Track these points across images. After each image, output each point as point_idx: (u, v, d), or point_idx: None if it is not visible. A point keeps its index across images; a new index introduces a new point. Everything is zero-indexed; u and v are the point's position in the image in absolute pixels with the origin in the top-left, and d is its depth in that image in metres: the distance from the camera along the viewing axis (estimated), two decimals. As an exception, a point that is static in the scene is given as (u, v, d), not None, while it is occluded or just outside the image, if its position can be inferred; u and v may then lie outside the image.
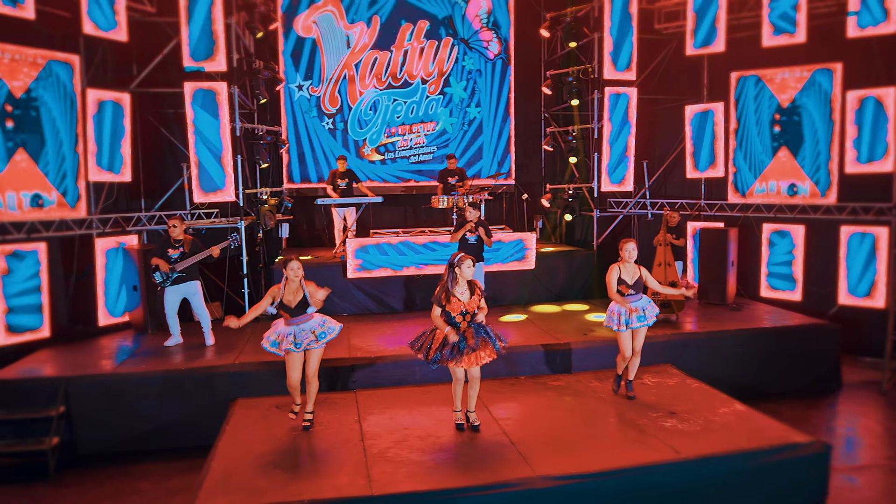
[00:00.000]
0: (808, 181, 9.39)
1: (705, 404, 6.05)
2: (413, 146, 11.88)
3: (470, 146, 12.04)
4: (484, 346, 5.30)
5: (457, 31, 11.81)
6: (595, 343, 7.31)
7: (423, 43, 11.70)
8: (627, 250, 5.93)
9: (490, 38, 11.95)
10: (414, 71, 11.73)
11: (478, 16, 11.82)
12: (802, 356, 7.82)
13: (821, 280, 9.28)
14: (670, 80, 10.77)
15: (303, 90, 11.42)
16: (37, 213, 7.81)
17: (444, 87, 11.87)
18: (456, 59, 11.86)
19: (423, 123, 11.87)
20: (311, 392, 5.71)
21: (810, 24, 8.98)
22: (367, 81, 11.61)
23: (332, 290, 5.74)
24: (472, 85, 11.98)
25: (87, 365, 7.00)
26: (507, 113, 12.14)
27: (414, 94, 11.80)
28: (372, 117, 11.71)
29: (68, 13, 8.17)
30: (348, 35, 11.47)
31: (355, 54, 11.52)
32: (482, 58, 11.95)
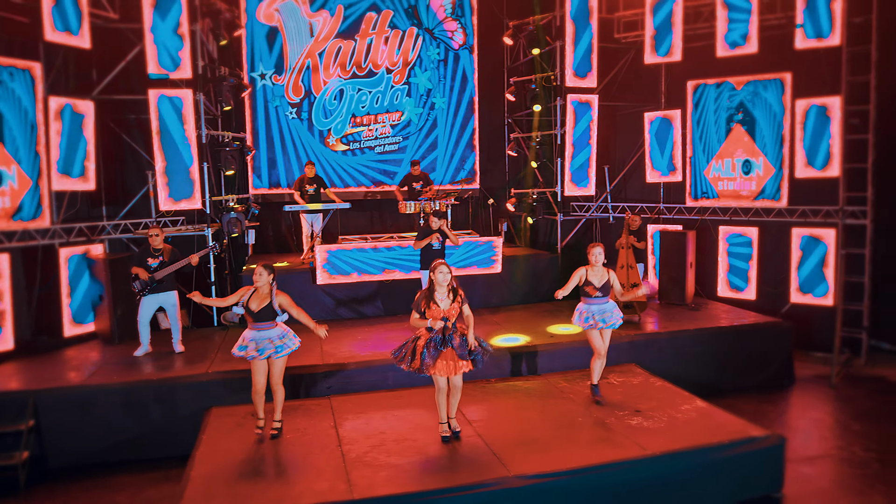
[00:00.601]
0: (761, 157, 9.67)
1: (668, 402, 6.32)
2: (378, 136, 11.91)
3: (432, 136, 12.06)
4: (465, 358, 5.32)
5: (421, 21, 11.84)
6: (562, 345, 7.54)
7: (387, 32, 11.69)
8: (595, 255, 6.16)
9: (454, 28, 12.01)
10: (379, 60, 11.73)
11: (442, 6, 11.85)
12: (758, 353, 8.20)
13: (774, 280, 9.72)
14: (630, 87, 11.11)
15: (266, 79, 11.32)
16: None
17: (409, 77, 11.89)
18: (421, 49, 11.89)
19: (388, 113, 11.90)
20: (278, 400, 5.78)
21: (761, 35, 9.39)
22: (332, 70, 11.55)
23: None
24: (437, 74, 12.04)
25: (56, 377, 6.93)
26: (471, 105, 12.19)
27: (379, 84, 11.81)
28: (337, 107, 11.68)
29: (27, 19, 8.04)
30: (312, 23, 11.37)
31: (319, 42, 11.44)
32: (447, 48, 12.03)
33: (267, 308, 5.53)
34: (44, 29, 7.89)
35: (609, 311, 6.22)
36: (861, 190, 8.91)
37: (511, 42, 11.75)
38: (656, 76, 10.71)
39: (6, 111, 7.70)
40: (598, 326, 6.18)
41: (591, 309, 6.18)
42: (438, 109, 12.10)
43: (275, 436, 5.76)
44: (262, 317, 5.53)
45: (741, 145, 9.94)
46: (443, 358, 5.29)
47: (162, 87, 9.00)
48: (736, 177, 10.02)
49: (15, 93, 7.80)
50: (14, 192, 7.80)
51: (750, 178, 9.88)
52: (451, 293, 5.36)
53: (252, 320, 5.55)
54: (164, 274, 7.47)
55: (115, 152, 9.71)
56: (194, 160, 9.18)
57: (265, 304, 5.54)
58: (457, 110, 12.19)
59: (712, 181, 10.25)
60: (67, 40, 8.19)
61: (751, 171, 9.85)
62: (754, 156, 9.83)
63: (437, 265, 5.35)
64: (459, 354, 5.29)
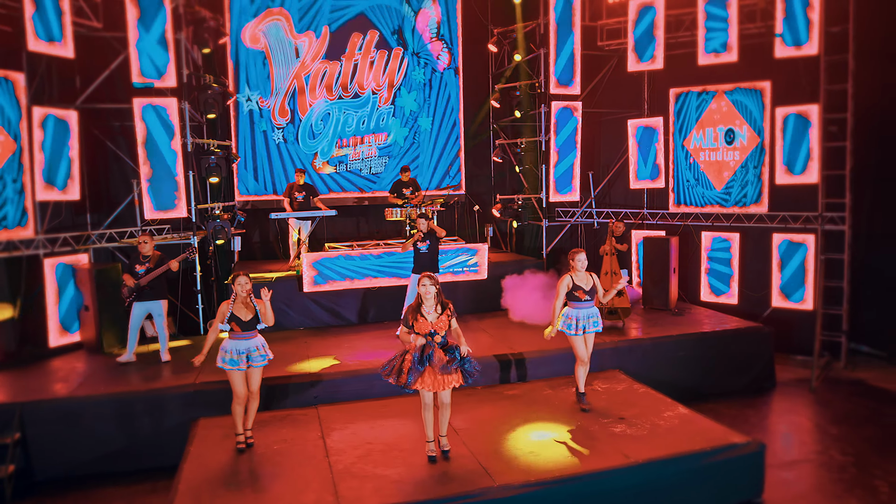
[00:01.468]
0: (745, 126, 9.71)
1: (651, 409, 6.42)
2: (365, 158, 11.98)
3: (420, 157, 12.22)
4: (452, 372, 5.26)
5: (407, 43, 11.95)
6: (548, 352, 7.60)
7: (373, 54, 11.78)
8: (579, 260, 6.24)
9: (440, 49, 12.14)
10: (364, 82, 11.81)
11: (427, 28, 11.99)
12: (740, 358, 8.33)
13: (755, 284, 9.87)
14: (613, 94, 11.23)
15: (252, 102, 11.36)
16: (-17, 235, 7.64)
17: (394, 99, 11.98)
18: (406, 71, 11.99)
19: (374, 135, 11.98)
20: (252, 409, 5.83)
21: (742, 43, 9.54)
22: (318, 92, 11.62)
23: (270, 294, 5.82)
24: (423, 96, 12.15)
25: (42, 389, 6.91)
26: (456, 124, 12.36)
27: (365, 106, 11.89)
28: (323, 129, 11.74)
29: (10, 28, 8.01)
30: (297, 45, 11.42)
31: (305, 65, 11.51)
32: (432, 69, 12.14)
33: (254, 317, 5.60)
34: (27, 39, 7.85)
35: (593, 315, 6.31)
36: (839, 196, 9.07)
37: (496, 49, 11.84)
38: (639, 83, 10.85)
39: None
40: (581, 332, 6.26)
41: (577, 314, 6.26)
42: (424, 131, 12.15)
43: (241, 449, 5.75)
44: (250, 325, 5.60)
45: (724, 116, 9.93)
46: (428, 373, 5.23)
47: (146, 95, 9.00)
48: (718, 147, 10.05)
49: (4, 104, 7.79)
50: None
51: (734, 147, 9.89)
52: (440, 306, 5.33)
53: (240, 330, 5.58)
54: (147, 280, 7.48)
55: (101, 161, 9.69)
56: (179, 168, 9.18)
57: (252, 314, 5.59)
58: (440, 130, 12.26)
59: (693, 152, 10.27)
60: (51, 50, 8.16)
61: (734, 140, 9.88)
62: (739, 125, 9.77)
63: (421, 278, 5.36)
64: (441, 369, 5.19)
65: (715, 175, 10.13)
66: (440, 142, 12.31)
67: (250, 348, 5.64)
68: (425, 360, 5.22)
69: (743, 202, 9.90)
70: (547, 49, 10.68)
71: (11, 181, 7.93)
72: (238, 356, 5.60)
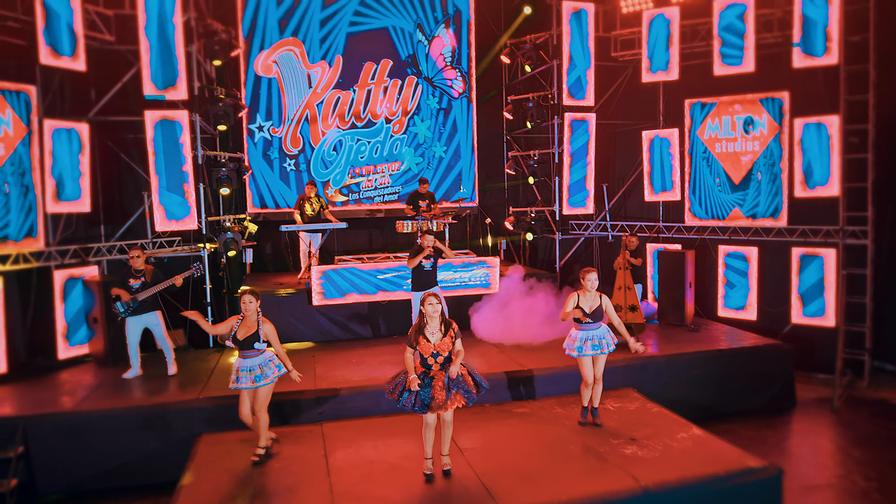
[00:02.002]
0: (765, 114, 9.44)
1: (664, 429, 6.21)
2: (378, 186, 11.83)
3: (433, 184, 11.98)
4: (454, 398, 5.15)
5: (421, 70, 11.80)
6: (559, 369, 7.43)
7: (386, 82, 11.61)
8: (590, 280, 6.07)
9: (454, 76, 11.97)
10: (378, 110, 11.64)
11: (441, 54, 11.85)
12: (758, 376, 8.08)
13: (774, 300, 9.62)
14: (628, 105, 11.08)
15: (263, 131, 11.24)
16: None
17: (408, 127, 11.78)
18: (420, 99, 11.80)
19: (387, 163, 11.83)
20: (261, 426, 5.73)
21: (758, 53, 9.36)
22: (330, 121, 11.44)
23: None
24: (437, 124, 11.95)
25: (47, 402, 6.88)
26: (472, 148, 12.14)
27: (378, 134, 11.72)
28: (335, 158, 11.58)
29: (24, 42, 8.07)
30: (310, 74, 11.31)
31: (317, 94, 11.36)
32: (446, 96, 11.96)
33: (252, 336, 5.51)
34: (38, 52, 7.91)
35: (601, 336, 6.13)
36: (861, 209, 8.82)
37: (508, 60, 11.74)
38: (654, 94, 10.69)
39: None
40: (590, 353, 6.09)
41: (582, 335, 6.10)
42: (437, 159, 12.00)
43: (256, 463, 5.69)
44: (248, 344, 5.50)
45: (743, 102, 9.67)
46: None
47: (158, 108, 9.01)
48: (737, 136, 9.77)
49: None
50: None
51: (752, 136, 9.60)
52: (444, 326, 5.20)
53: (238, 348, 5.51)
54: (146, 295, 7.41)
55: (114, 173, 9.75)
56: (190, 180, 9.17)
57: (251, 333, 5.50)
58: (458, 157, 12.07)
59: (708, 143, 10.00)
60: (62, 63, 8.21)
61: (752, 129, 9.60)
62: (757, 113, 9.50)
63: (426, 297, 5.23)
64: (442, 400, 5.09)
65: (732, 167, 9.83)
66: (454, 170, 12.12)
67: (252, 367, 5.55)
68: (428, 402, 5.12)
69: (755, 211, 9.65)
70: (560, 60, 10.57)
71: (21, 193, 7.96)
72: (242, 374, 5.54)
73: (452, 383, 5.14)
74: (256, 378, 5.53)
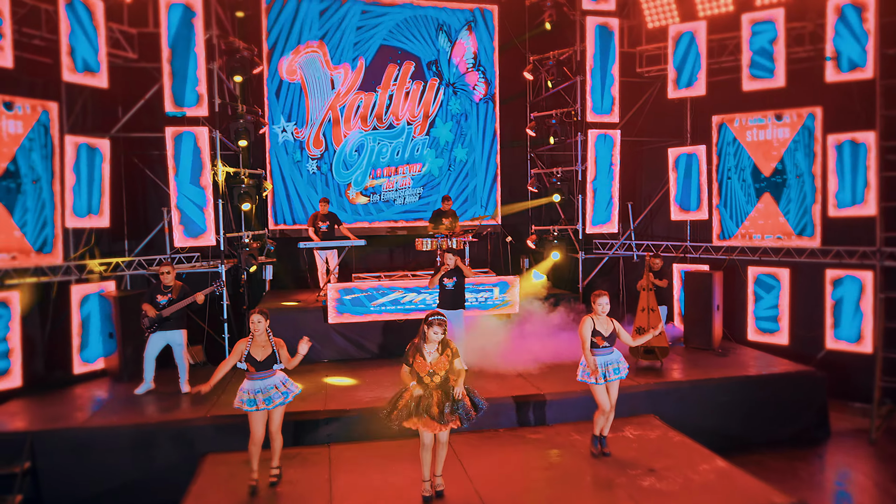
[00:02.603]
0: (793, 236, 9.32)
1: (686, 460, 5.89)
2: (399, 188, 11.84)
3: (455, 188, 11.99)
4: (449, 418, 5.06)
5: (443, 74, 11.84)
6: (577, 394, 7.13)
7: (408, 85, 11.71)
8: (601, 304, 5.84)
9: (476, 80, 11.99)
10: (399, 113, 11.72)
11: (463, 59, 11.88)
12: (789, 404, 7.68)
13: (807, 324, 9.18)
14: (654, 122, 10.81)
15: (287, 133, 11.39)
16: (10, 262, 7.71)
17: (430, 129, 11.85)
18: (442, 102, 11.85)
19: (408, 165, 11.85)
20: (276, 448, 5.58)
21: (789, 68, 9.04)
22: (352, 123, 11.57)
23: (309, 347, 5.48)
24: (459, 127, 11.97)
25: (57, 417, 6.85)
26: (493, 155, 12.11)
27: (399, 136, 11.78)
28: (357, 159, 11.67)
29: (50, 59, 8.19)
30: (333, 77, 11.46)
31: (340, 96, 11.51)
32: (468, 100, 11.98)
33: (270, 356, 5.37)
34: (62, 70, 8.01)
35: (615, 361, 5.87)
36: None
37: (531, 77, 11.58)
38: (681, 111, 10.40)
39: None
40: (603, 380, 5.83)
41: (598, 361, 5.84)
42: (459, 161, 11.96)
43: (273, 483, 5.58)
44: (266, 365, 5.36)
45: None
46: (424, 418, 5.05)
47: (179, 124, 9.06)
48: (767, 124, 9.43)
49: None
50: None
51: (783, 124, 9.26)
52: (441, 346, 5.10)
53: (255, 370, 5.36)
54: (171, 311, 7.40)
55: (140, 188, 9.84)
56: (208, 196, 9.17)
57: (269, 353, 5.37)
58: (479, 161, 12.05)
59: (738, 131, 9.68)
60: (85, 80, 8.31)
61: (783, 117, 9.25)
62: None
63: (433, 322, 5.08)
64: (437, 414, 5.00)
65: (763, 158, 9.47)
66: (476, 173, 12.08)
67: (267, 387, 5.40)
68: (425, 410, 5.04)
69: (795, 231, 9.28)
70: (583, 76, 10.36)
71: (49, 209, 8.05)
72: (254, 395, 5.37)
73: (452, 405, 5.04)
74: (268, 399, 5.37)
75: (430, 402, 5.05)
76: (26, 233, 7.92)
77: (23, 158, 7.85)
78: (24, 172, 7.86)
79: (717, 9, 9.72)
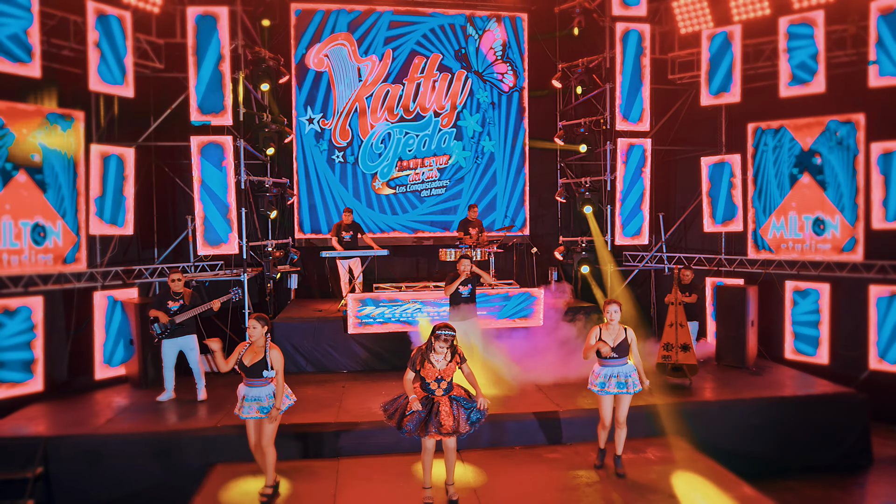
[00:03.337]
0: (837, 215, 8.72)
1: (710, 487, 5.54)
2: (425, 180, 11.70)
3: (482, 180, 11.78)
4: (458, 423, 4.93)
5: (471, 64, 11.68)
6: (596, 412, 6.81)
7: (436, 76, 11.59)
8: (609, 312, 5.57)
9: (505, 70, 11.79)
10: (426, 103, 11.60)
11: (492, 48, 11.70)
12: (827, 428, 7.23)
13: (849, 343, 8.68)
14: (687, 130, 10.45)
15: (314, 123, 11.38)
16: (34, 268, 7.82)
17: (457, 120, 11.69)
18: (470, 92, 11.69)
19: (435, 157, 11.70)
20: (267, 463, 5.42)
21: (830, 73, 8.61)
22: (379, 114, 11.50)
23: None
24: (486, 118, 11.78)
25: (73, 423, 6.87)
26: (522, 148, 11.87)
27: (426, 127, 11.65)
28: (383, 150, 11.58)
29: (78, 69, 8.33)
30: (360, 68, 11.42)
31: (367, 87, 11.45)
32: (497, 90, 11.79)
33: (260, 363, 5.25)
34: (88, 79, 8.14)
35: (627, 374, 5.58)
36: (951, 244, 7.87)
37: (559, 85, 11.35)
38: (714, 119, 10.02)
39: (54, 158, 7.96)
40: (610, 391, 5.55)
41: (606, 372, 5.57)
42: (487, 153, 11.79)
43: (265, 503, 5.39)
44: (255, 372, 5.25)
45: (809, 201, 9.02)
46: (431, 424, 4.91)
47: (204, 133, 9.12)
48: (805, 237, 9.07)
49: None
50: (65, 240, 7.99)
51: (823, 238, 8.89)
52: (450, 352, 5.00)
53: (245, 376, 5.27)
54: (184, 318, 7.39)
55: (169, 196, 9.95)
56: (232, 205, 9.19)
57: (258, 359, 5.25)
58: (505, 154, 11.86)
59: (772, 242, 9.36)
60: (112, 90, 8.43)
61: (824, 231, 8.86)
62: (828, 213, 8.85)
63: (439, 337, 4.92)
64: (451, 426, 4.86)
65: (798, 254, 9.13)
66: (504, 166, 11.88)
67: (260, 397, 5.30)
68: (429, 422, 4.90)
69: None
70: (613, 84, 10.09)
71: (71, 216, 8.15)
72: (248, 403, 5.27)
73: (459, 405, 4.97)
74: (262, 409, 5.27)
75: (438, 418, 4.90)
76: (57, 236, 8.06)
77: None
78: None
79: (753, 12, 9.36)
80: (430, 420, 4.92)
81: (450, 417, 4.89)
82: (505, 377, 7.96)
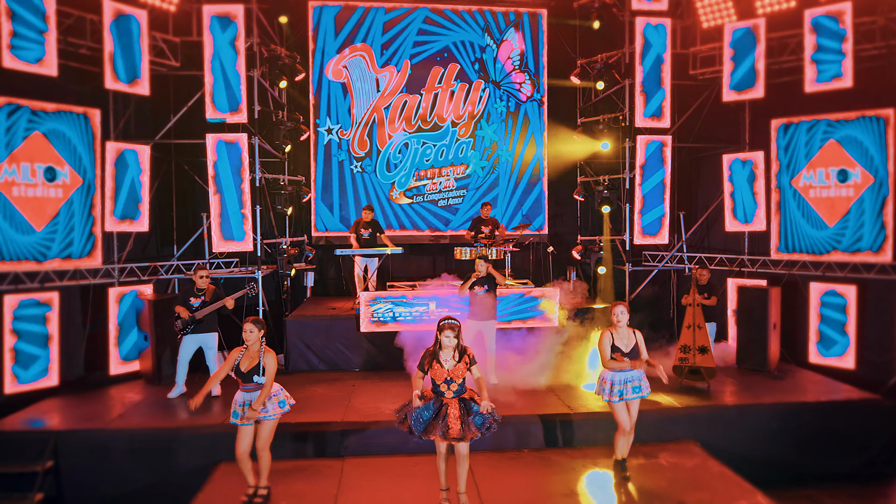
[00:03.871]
0: (858, 167, 8.42)
1: (723, 495, 5.37)
2: (442, 189, 11.65)
3: (499, 188, 11.68)
4: (469, 430, 4.79)
5: (488, 74, 11.61)
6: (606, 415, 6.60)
7: (453, 86, 11.55)
8: (616, 314, 5.42)
9: (522, 80, 11.69)
10: (444, 114, 11.56)
11: (510, 58, 11.61)
12: (852, 435, 6.98)
13: (877, 347, 8.33)
14: (710, 127, 10.18)
15: (332, 134, 11.41)
16: (51, 264, 7.91)
17: (474, 130, 11.64)
18: (487, 102, 11.64)
19: (452, 166, 11.65)
20: (263, 465, 5.35)
21: (858, 66, 8.29)
22: (397, 125, 11.50)
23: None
24: (504, 127, 11.70)
25: (84, 418, 6.92)
26: (540, 156, 11.75)
27: (444, 137, 11.60)
28: (401, 160, 11.57)
29: (95, 68, 8.40)
30: (378, 78, 11.43)
31: (385, 98, 11.46)
32: (514, 100, 11.69)
33: (255, 368, 5.18)
34: (104, 78, 8.21)
35: (637, 378, 5.42)
36: None
37: (579, 81, 11.15)
38: (737, 115, 9.74)
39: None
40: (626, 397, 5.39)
41: (614, 377, 5.41)
42: (504, 162, 11.69)
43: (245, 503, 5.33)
44: (250, 377, 5.18)
45: (835, 157, 8.71)
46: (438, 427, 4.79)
47: (220, 131, 9.14)
48: (830, 184, 8.74)
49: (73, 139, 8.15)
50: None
51: (847, 185, 8.56)
52: (458, 353, 4.88)
53: (241, 381, 5.22)
54: (202, 314, 7.41)
55: (188, 193, 10.01)
56: (247, 202, 9.20)
57: (254, 364, 5.19)
58: (523, 163, 11.74)
59: (802, 190, 9.01)
60: (128, 88, 8.48)
61: (847, 179, 8.55)
62: (851, 166, 8.53)
63: (444, 327, 4.84)
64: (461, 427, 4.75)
65: (827, 212, 8.76)
66: (522, 174, 11.76)
67: (247, 402, 5.22)
68: (439, 421, 4.80)
69: (857, 246, 8.46)
70: (632, 79, 9.86)
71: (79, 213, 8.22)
72: (240, 408, 5.22)
73: (469, 409, 4.85)
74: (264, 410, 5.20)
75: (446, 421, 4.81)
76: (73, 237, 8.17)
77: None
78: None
79: (777, 5, 9.06)
80: (438, 423, 4.82)
81: (457, 422, 4.76)
82: (516, 379, 7.83)
